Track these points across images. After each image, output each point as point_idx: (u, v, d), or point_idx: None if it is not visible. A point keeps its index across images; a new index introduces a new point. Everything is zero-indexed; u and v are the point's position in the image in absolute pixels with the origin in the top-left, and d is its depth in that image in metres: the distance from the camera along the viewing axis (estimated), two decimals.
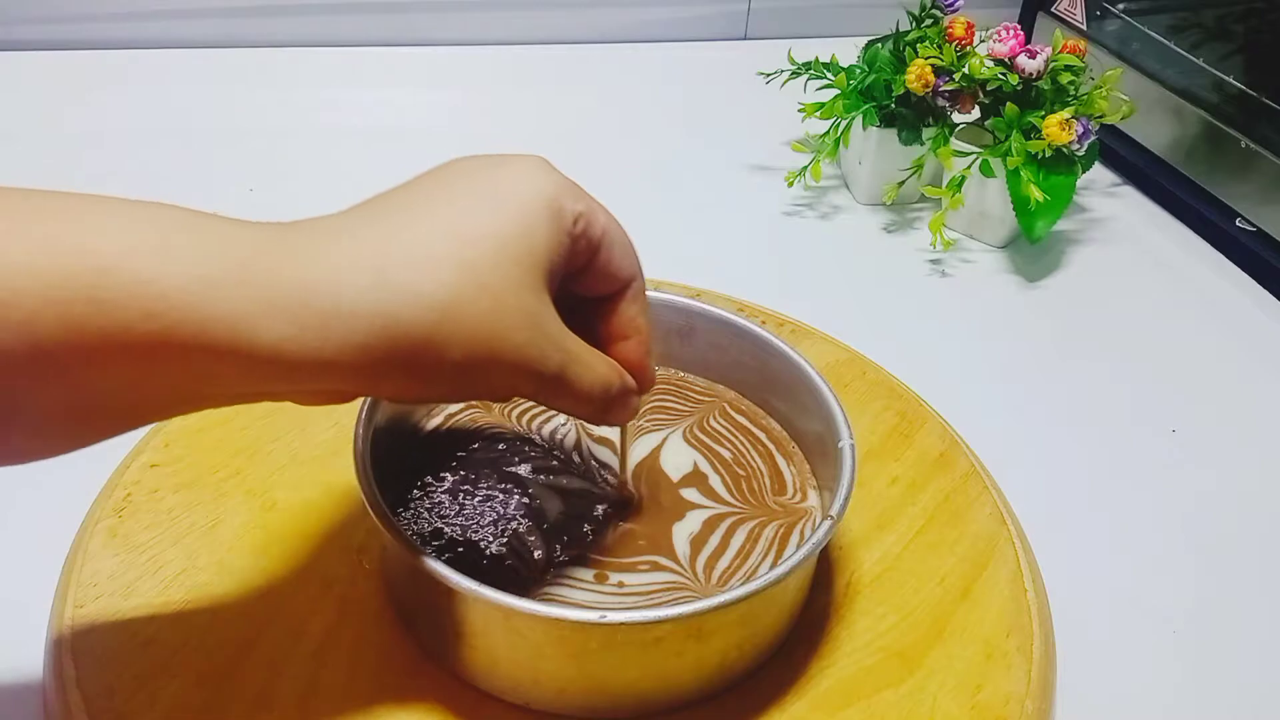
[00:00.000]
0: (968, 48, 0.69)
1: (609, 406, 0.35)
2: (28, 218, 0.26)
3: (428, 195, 0.31)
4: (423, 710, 0.36)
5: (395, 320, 0.29)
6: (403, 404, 0.32)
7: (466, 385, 0.32)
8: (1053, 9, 0.86)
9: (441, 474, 0.42)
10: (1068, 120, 0.64)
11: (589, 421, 0.37)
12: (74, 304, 0.26)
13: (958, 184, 0.66)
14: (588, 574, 0.38)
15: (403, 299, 0.29)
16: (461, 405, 0.45)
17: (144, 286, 0.26)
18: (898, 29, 0.71)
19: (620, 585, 0.38)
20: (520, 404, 0.46)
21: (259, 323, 0.27)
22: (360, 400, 0.39)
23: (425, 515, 0.40)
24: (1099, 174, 0.80)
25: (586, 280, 0.35)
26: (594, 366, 0.34)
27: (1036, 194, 0.63)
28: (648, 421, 0.45)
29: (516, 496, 0.41)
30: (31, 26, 0.83)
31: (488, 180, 0.32)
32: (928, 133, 0.69)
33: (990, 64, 0.67)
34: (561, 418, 0.45)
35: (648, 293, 0.46)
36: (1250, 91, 0.71)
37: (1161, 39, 0.77)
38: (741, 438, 0.45)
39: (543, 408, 0.45)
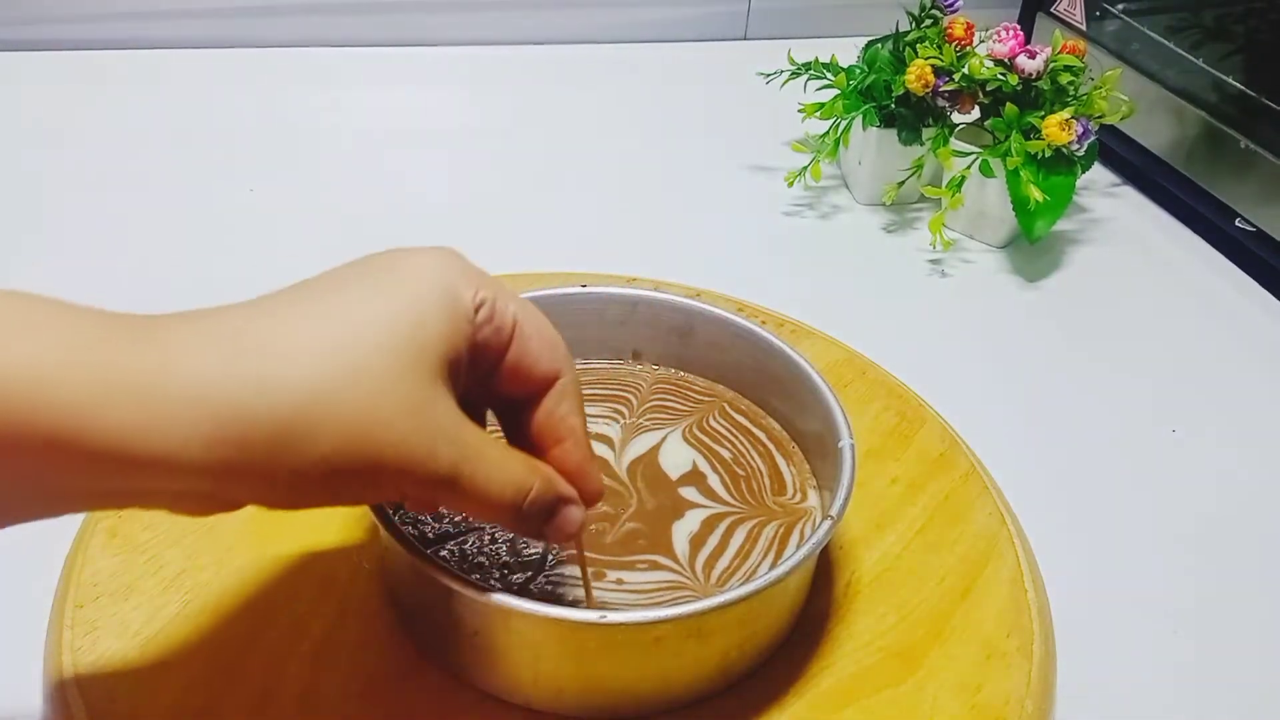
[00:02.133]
0: (967, 48, 0.69)
1: (533, 515, 0.32)
2: None
3: (317, 286, 0.29)
4: (423, 710, 0.36)
5: (245, 409, 0.26)
6: (282, 510, 0.29)
7: (346, 487, 0.28)
8: (1052, 9, 0.86)
9: None
10: (1067, 120, 0.64)
11: (526, 536, 0.34)
12: None
13: (957, 184, 0.66)
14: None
15: (255, 386, 0.26)
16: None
17: None
18: (898, 29, 0.71)
19: (619, 584, 0.38)
20: None
21: (97, 409, 0.25)
22: None
23: (425, 515, 0.40)
24: (1099, 174, 0.80)
25: (503, 378, 0.32)
26: (503, 465, 0.31)
27: (1036, 194, 0.63)
28: (647, 420, 0.45)
29: None
30: (32, 26, 0.83)
31: (383, 269, 0.30)
32: (927, 133, 0.69)
33: (990, 64, 0.67)
34: None
35: (648, 292, 0.47)
36: (1250, 91, 0.71)
37: (1161, 39, 0.77)
38: (741, 438, 0.45)
39: None
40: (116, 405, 0.25)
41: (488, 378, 0.32)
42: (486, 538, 0.39)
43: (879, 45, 0.72)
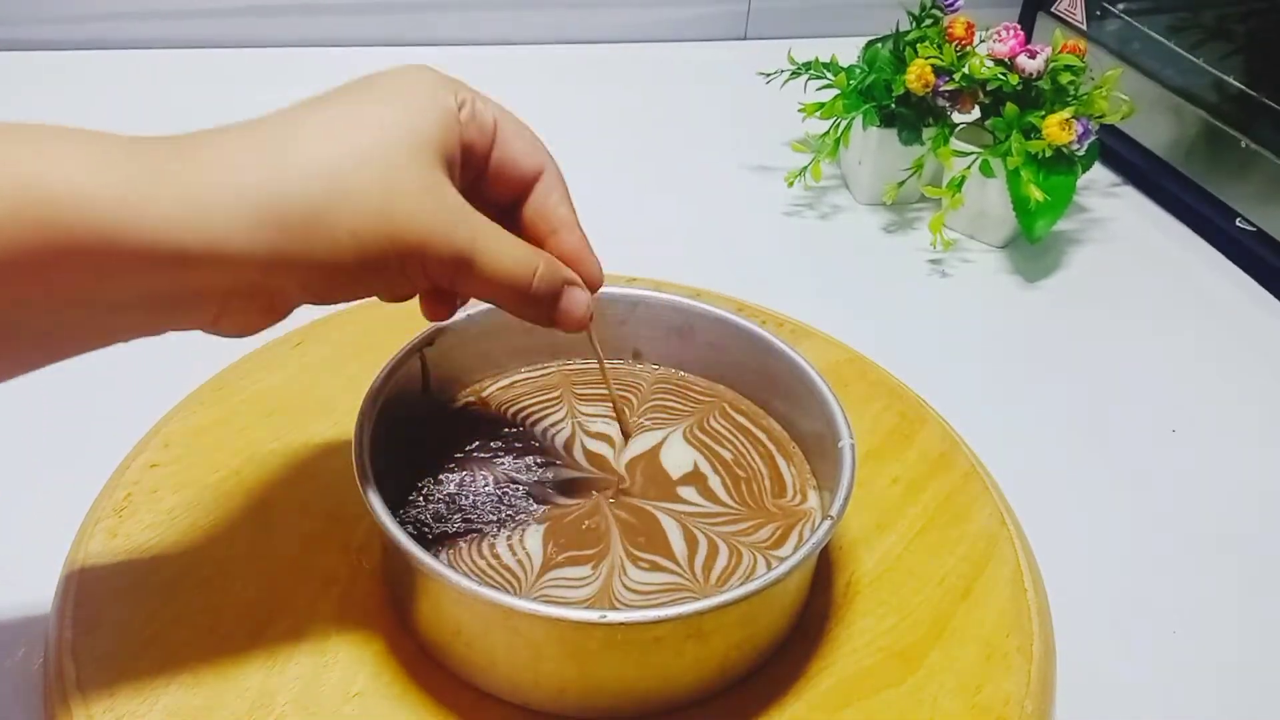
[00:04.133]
0: (968, 48, 0.69)
1: (543, 296, 0.34)
2: None
3: (317, 103, 0.32)
4: (423, 710, 0.36)
5: (281, 192, 0.29)
6: (324, 303, 0.32)
7: (374, 269, 0.31)
8: (1053, 9, 0.86)
9: (441, 474, 0.42)
10: (1068, 120, 0.64)
11: (538, 323, 0.35)
12: None
13: (958, 184, 0.66)
14: (586, 573, 0.38)
15: (287, 172, 0.29)
16: (462, 403, 0.45)
17: (27, 185, 0.26)
18: (898, 29, 0.71)
19: (620, 585, 0.38)
20: (519, 404, 0.46)
21: (142, 206, 0.27)
22: (360, 399, 0.39)
23: (425, 515, 0.40)
24: (1099, 174, 0.80)
25: (492, 179, 0.34)
26: (512, 247, 0.33)
27: (1036, 194, 0.63)
28: (648, 420, 0.45)
29: (515, 496, 0.41)
30: (31, 26, 0.83)
31: (374, 84, 0.32)
32: (928, 133, 0.69)
33: (990, 64, 0.67)
34: (558, 415, 0.45)
35: (648, 292, 0.47)
36: (1250, 91, 0.71)
37: (1161, 39, 0.77)
38: (742, 438, 0.45)
39: (541, 408, 0.46)
40: (162, 200, 0.27)
41: (477, 181, 0.34)
42: (487, 539, 0.39)
43: (879, 45, 0.72)
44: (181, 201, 0.28)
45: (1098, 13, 0.83)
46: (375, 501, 0.35)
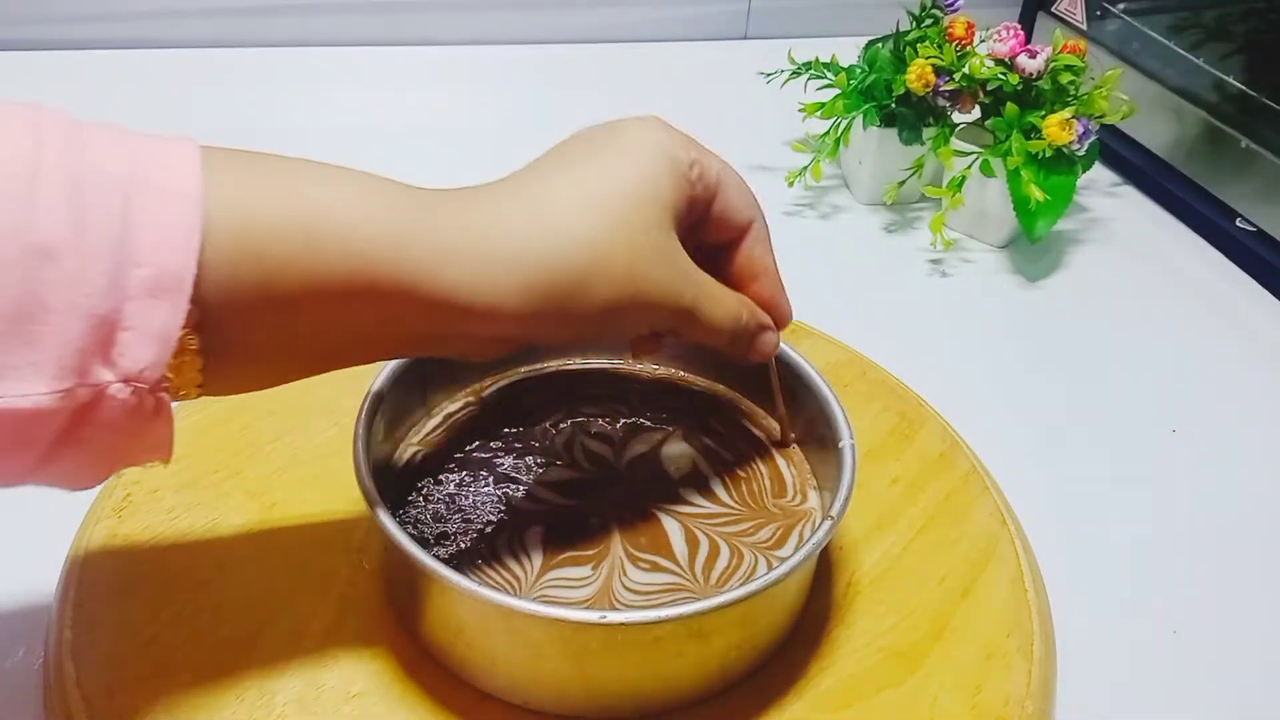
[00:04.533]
0: (968, 48, 0.69)
1: (743, 339, 0.38)
2: (257, 178, 0.30)
3: (566, 161, 0.34)
4: (423, 710, 0.36)
5: (552, 262, 0.32)
6: (555, 346, 0.38)
7: (612, 322, 0.34)
8: (1053, 9, 0.86)
9: (441, 475, 0.42)
10: (1068, 120, 0.64)
11: (733, 356, 0.39)
12: (290, 244, 0.29)
13: (958, 184, 0.66)
14: (587, 573, 0.38)
15: (558, 240, 0.32)
16: (460, 405, 0.45)
17: (349, 230, 0.29)
18: (898, 29, 0.71)
19: (620, 585, 0.38)
20: (519, 404, 0.46)
21: (441, 267, 0.30)
22: (360, 399, 0.39)
23: (425, 515, 0.40)
24: (1099, 174, 0.80)
25: (709, 227, 0.37)
26: (724, 301, 0.37)
27: (1036, 194, 0.63)
28: (648, 420, 0.45)
29: (515, 496, 0.41)
30: (31, 26, 0.83)
31: (613, 141, 0.35)
32: (928, 133, 0.69)
33: (990, 64, 0.67)
34: (558, 415, 0.45)
35: None
36: (1250, 91, 0.71)
37: (1161, 39, 0.77)
38: (741, 438, 0.45)
39: (541, 408, 0.45)
40: (453, 265, 0.31)
41: (694, 228, 0.37)
42: (487, 539, 0.39)
43: (879, 45, 0.72)
44: (469, 266, 0.31)
45: (1098, 13, 0.83)
46: (375, 501, 0.35)
